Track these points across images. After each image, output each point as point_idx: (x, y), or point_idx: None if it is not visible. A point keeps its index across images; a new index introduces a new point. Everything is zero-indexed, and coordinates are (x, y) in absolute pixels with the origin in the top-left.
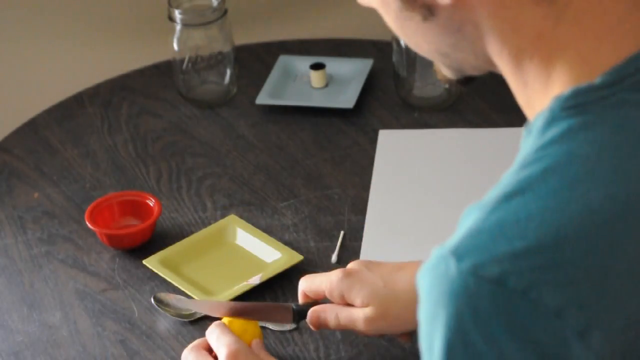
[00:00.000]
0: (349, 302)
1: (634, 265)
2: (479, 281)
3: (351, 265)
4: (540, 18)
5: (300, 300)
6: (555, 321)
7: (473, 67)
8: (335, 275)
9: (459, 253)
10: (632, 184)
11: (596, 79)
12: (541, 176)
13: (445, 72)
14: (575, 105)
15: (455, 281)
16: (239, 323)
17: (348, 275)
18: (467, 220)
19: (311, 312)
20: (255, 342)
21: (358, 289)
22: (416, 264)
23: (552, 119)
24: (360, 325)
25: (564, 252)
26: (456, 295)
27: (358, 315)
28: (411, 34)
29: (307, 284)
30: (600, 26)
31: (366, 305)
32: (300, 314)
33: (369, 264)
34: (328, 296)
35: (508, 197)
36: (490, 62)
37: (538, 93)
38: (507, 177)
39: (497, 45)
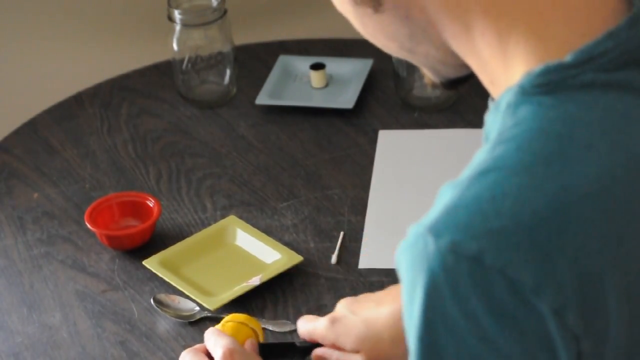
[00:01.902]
0: (341, 348)
1: (608, 244)
2: (457, 258)
3: (337, 309)
4: None
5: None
6: (532, 298)
7: (443, 64)
8: (322, 324)
9: (436, 230)
10: (604, 162)
11: (566, 57)
12: (515, 153)
13: (428, 75)
14: (546, 82)
15: (433, 258)
16: (232, 325)
17: (333, 322)
18: (443, 198)
19: (314, 357)
20: (249, 342)
21: (344, 338)
22: (395, 292)
23: (523, 95)
24: None
25: (540, 230)
26: (434, 272)
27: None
28: (372, 31)
29: (304, 329)
30: (566, 4)
31: (357, 352)
32: (304, 351)
33: (353, 305)
34: (322, 342)
35: (483, 173)
36: (451, 52)
37: (498, 69)
38: (481, 154)
39: (449, 27)
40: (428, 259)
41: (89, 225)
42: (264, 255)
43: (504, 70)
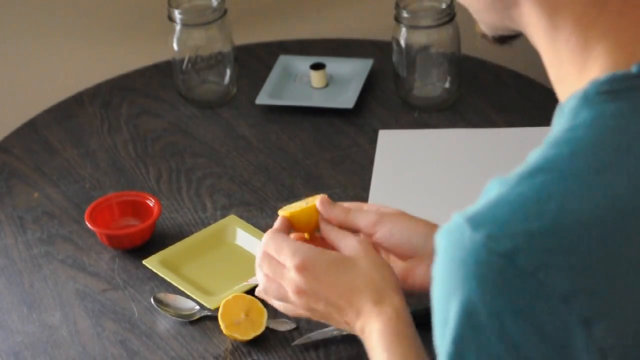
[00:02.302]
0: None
1: None
2: (490, 253)
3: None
4: (583, 5)
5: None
6: (560, 306)
7: (505, 28)
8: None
9: (475, 222)
10: None
11: (632, 68)
12: (568, 158)
13: (482, 27)
14: (610, 90)
15: (467, 249)
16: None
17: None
18: (490, 192)
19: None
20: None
21: (359, 216)
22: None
23: (585, 102)
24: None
25: (581, 237)
26: (466, 263)
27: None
28: None
29: (324, 209)
30: None
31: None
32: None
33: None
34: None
35: (532, 173)
36: (522, 28)
37: (572, 73)
38: (535, 154)
39: (534, 18)
40: (462, 249)
41: (89, 225)
42: None
43: (578, 75)
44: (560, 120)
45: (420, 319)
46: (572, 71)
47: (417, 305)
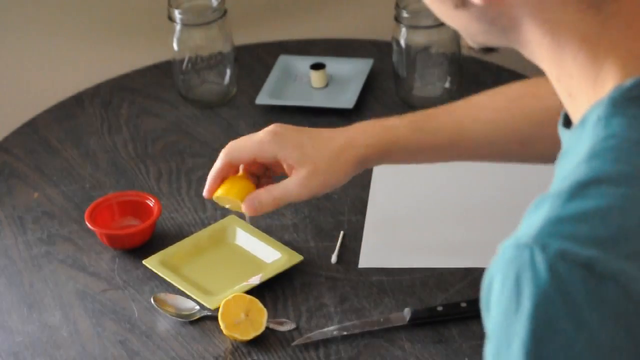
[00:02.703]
0: (281, 161)
1: None
2: (569, 266)
3: (274, 127)
4: (586, 23)
5: (220, 171)
6: None
7: (500, 45)
8: (263, 137)
9: (542, 241)
10: None
11: None
12: (614, 165)
13: (469, 42)
14: (639, 95)
15: (542, 268)
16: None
17: (275, 135)
18: (538, 212)
19: (246, 201)
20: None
21: (290, 150)
22: (341, 132)
23: (615, 109)
24: (294, 191)
25: None
26: (545, 282)
27: (291, 182)
28: (439, 13)
29: (233, 154)
30: None
31: (299, 166)
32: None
33: (293, 127)
34: (258, 158)
35: (583, 186)
36: (520, 46)
37: (585, 87)
38: (577, 167)
39: (535, 38)
40: (535, 270)
41: (89, 225)
42: (264, 254)
43: (592, 87)
44: (584, 132)
45: (421, 319)
46: (584, 85)
47: (417, 305)
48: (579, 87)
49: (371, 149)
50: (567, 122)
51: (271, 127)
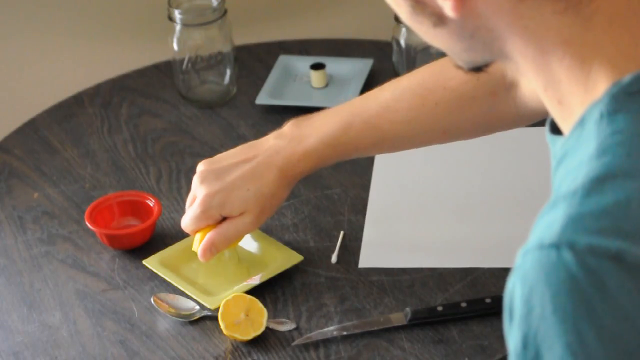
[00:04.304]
0: (227, 216)
1: None
2: (600, 259)
3: (201, 180)
4: (566, 25)
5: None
6: None
7: (486, 61)
8: (202, 206)
9: (568, 239)
10: None
11: None
12: (626, 159)
13: (457, 62)
14: (639, 90)
15: (574, 266)
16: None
17: (211, 197)
18: (554, 213)
19: (201, 248)
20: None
21: (230, 204)
22: (251, 147)
23: (617, 105)
24: (247, 230)
25: None
26: (579, 279)
27: (242, 222)
28: (423, 34)
29: (186, 224)
30: (633, 26)
31: (244, 212)
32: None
33: (215, 172)
34: (205, 222)
35: (599, 181)
36: (507, 60)
37: (576, 89)
38: (587, 165)
39: (519, 46)
40: (567, 268)
41: (89, 225)
42: (264, 254)
43: (584, 89)
44: (584, 132)
45: (420, 319)
46: (575, 88)
47: (417, 305)
48: (569, 91)
49: (302, 174)
50: (555, 129)
51: (200, 186)
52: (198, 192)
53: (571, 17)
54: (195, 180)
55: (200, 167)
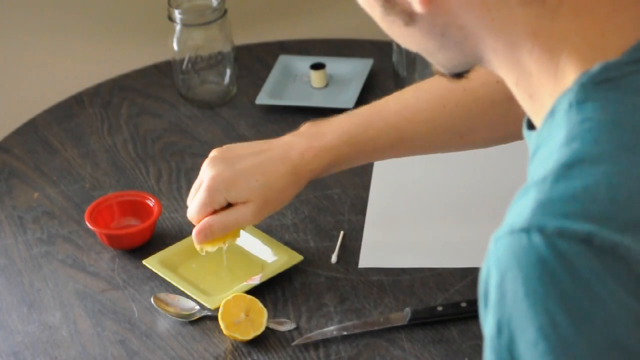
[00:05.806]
0: (232, 202)
1: None
2: (569, 242)
3: (211, 163)
4: (532, 17)
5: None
6: None
7: (462, 65)
8: (208, 189)
9: (535, 224)
10: None
11: (621, 56)
12: (594, 145)
13: (437, 67)
14: (607, 79)
15: (544, 249)
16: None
17: (218, 179)
18: (525, 199)
19: (196, 230)
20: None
21: (237, 189)
22: (268, 143)
23: (586, 94)
24: (247, 220)
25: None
26: (549, 262)
27: (244, 211)
28: (397, 35)
29: (191, 212)
30: (599, 16)
31: (248, 201)
32: None
33: (228, 159)
34: (210, 207)
35: (567, 167)
36: (481, 59)
37: (546, 81)
38: (557, 152)
39: (490, 41)
40: (537, 252)
41: (89, 225)
42: (264, 254)
43: (554, 81)
44: (555, 123)
45: (420, 319)
46: (545, 81)
47: (417, 305)
48: (539, 84)
49: (315, 172)
50: (531, 126)
51: (209, 169)
52: (205, 174)
53: (537, 8)
54: (205, 165)
55: (213, 153)
